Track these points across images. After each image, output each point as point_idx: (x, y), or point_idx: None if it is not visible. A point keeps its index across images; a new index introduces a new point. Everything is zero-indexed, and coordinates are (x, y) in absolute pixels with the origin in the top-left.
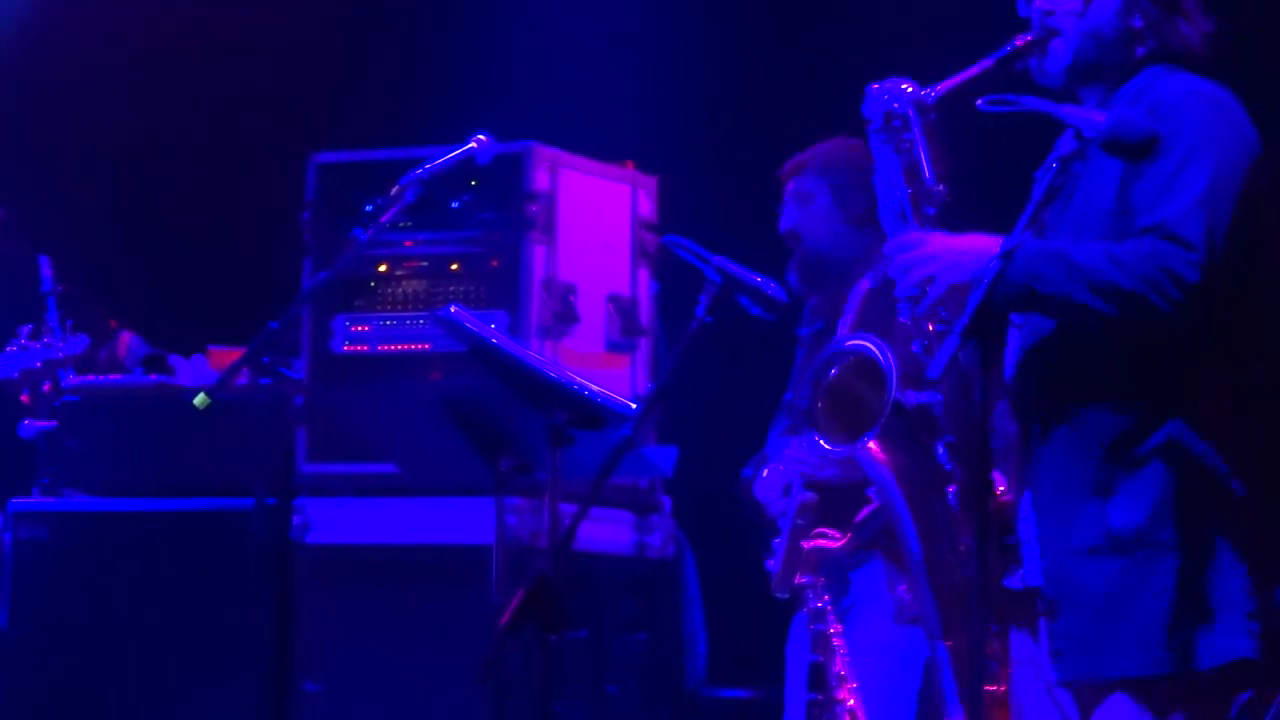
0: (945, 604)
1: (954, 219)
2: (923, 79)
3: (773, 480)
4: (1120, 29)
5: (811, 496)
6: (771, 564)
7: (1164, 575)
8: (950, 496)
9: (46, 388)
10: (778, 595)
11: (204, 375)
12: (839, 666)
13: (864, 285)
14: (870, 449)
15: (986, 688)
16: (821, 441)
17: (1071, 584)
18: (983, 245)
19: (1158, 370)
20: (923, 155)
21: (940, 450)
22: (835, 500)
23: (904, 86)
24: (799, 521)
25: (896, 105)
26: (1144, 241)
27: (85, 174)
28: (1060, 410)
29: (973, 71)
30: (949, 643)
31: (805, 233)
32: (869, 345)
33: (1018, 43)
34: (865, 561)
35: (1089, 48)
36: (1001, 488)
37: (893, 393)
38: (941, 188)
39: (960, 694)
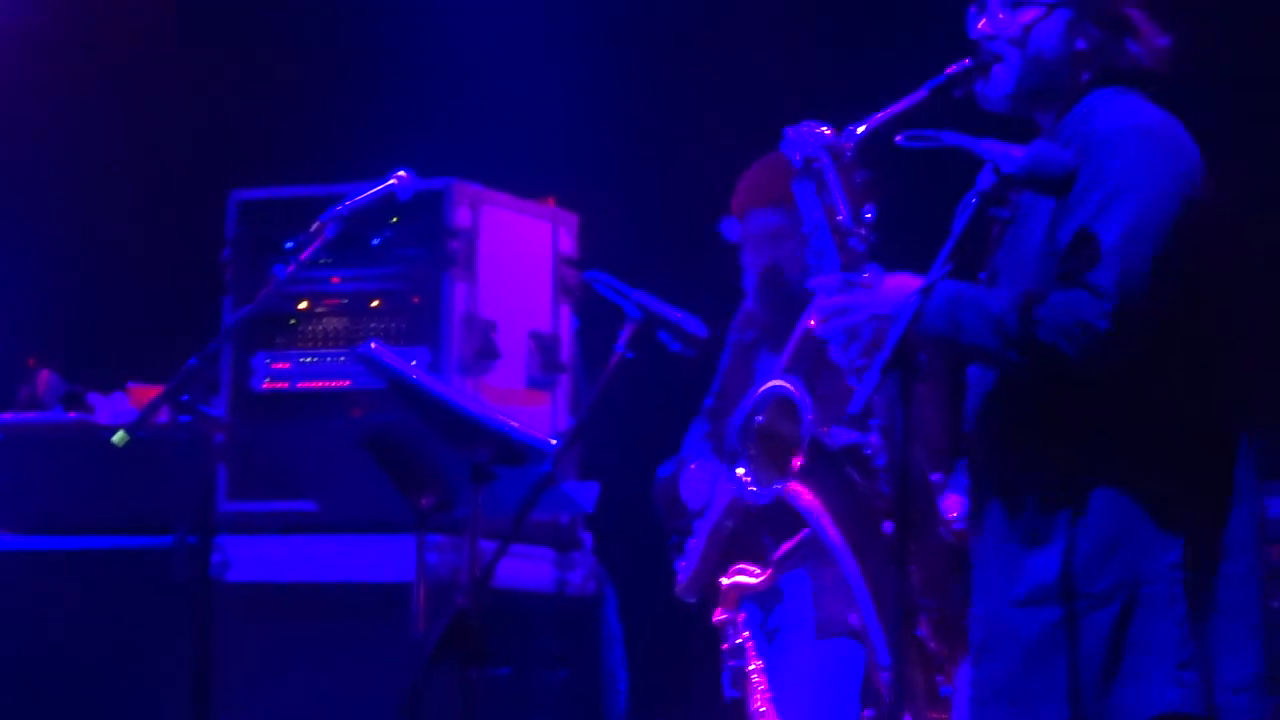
0: (893, 634)
1: (908, 246)
2: (850, 113)
3: (697, 477)
4: (1063, 53)
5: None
6: (682, 564)
7: (1093, 626)
8: (889, 530)
9: None
10: (684, 598)
11: (123, 413)
12: (759, 703)
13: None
14: (796, 490)
15: (931, 715)
16: (749, 483)
17: (1004, 633)
18: (907, 284)
19: (1084, 421)
20: (839, 197)
21: (880, 486)
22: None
23: (819, 129)
24: (726, 522)
25: (811, 148)
26: (1059, 290)
27: (5, 214)
28: (999, 457)
29: (909, 102)
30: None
31: (787, 267)
32: (787, 387)
33: (955, 69)
34: (792, 569)
35: (1031, 73)
36: (954, 515)
37: (807, 431)
38: (863, 228)
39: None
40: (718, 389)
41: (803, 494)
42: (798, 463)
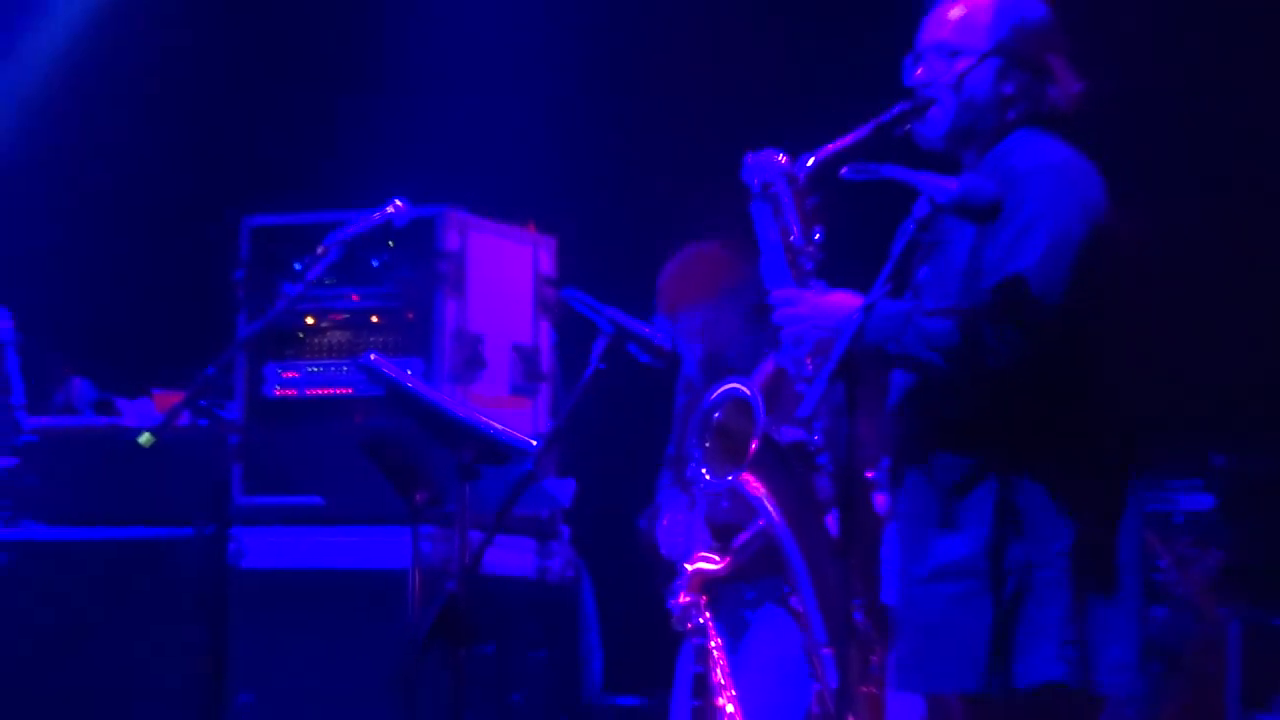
0: (831, 616)
1: (850, 267)
2: (809, 144)
3: (673, 529)
4: (993, 96)
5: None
6: (673, 603)
7: (989, 604)
8: (830, 522)
9: None
10: (678, 629)
11: (148, 417)
12: (718, 676)
13: (769, 366)
14: (747, 479)
15: (861, 689)
16: (704, 473)
17: (914, 606)
18: (848, 300)
19: (995, 420)
20: (792, 220)
21: (822, 481)
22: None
23: (777, 157)
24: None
25: (769, 175)
26: (983, 306)
27: (43, 237)
28: (917, 451)
29: (855, 138)
30: (831, 650)
31: (723, 353)
32: (740, 387)
33: (896, 110)
34: (761, 605)
35: (964, 115)
36: (886, 510)
37: (760, 427)
38: (812, 248)
39: (837, 693)
40: (676, 440)
41: (752, 483)
42: (750, 452)
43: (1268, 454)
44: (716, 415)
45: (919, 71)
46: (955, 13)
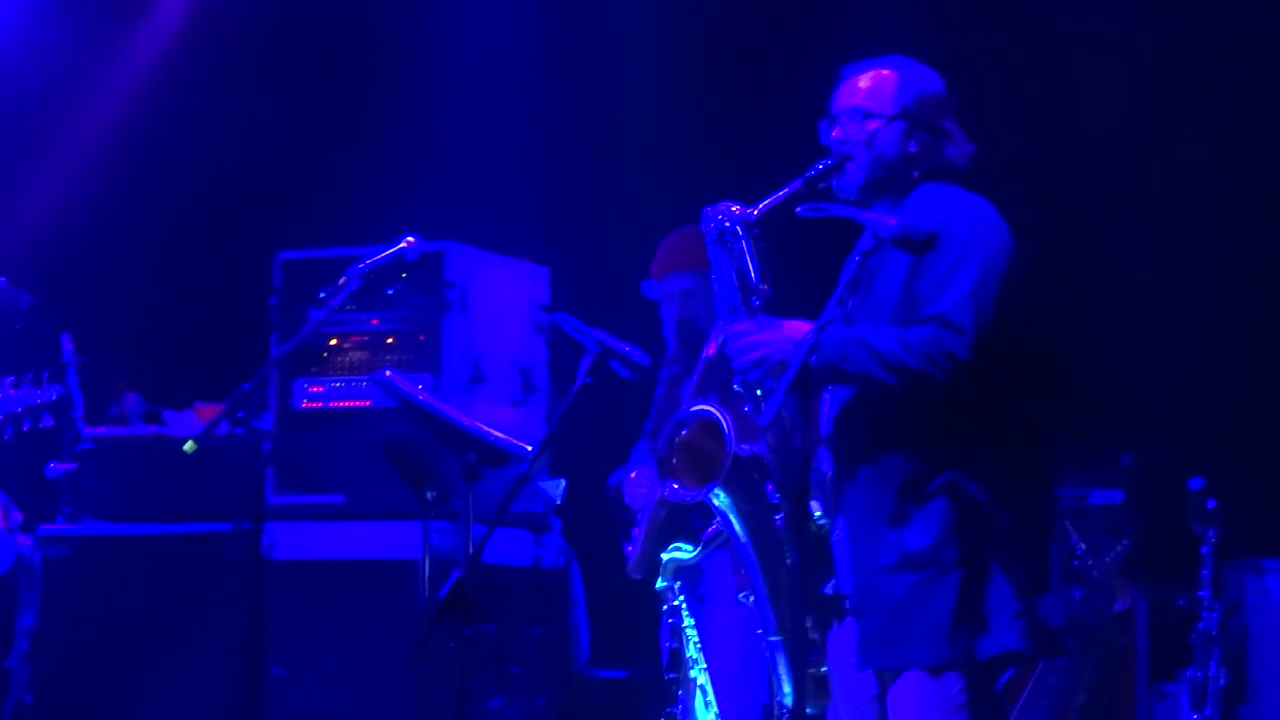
0: (780, 607)
1: (783, 302)
2: (758, 192)
3: (637, 483)
4: (900, 154)
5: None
6: (630, 549)
7: (949, 587)
8: (779, 523)
9: (27, 428)
10: (633, 575)
11: (192, 427)
12: (691, 651)
13: (709, 351)
14: (717, 492)
15: (810, 670)
16: (677, 487)
17: (876, 594)
18: (797, 328)
19: (940, 427)
20: (749, 260)
21: (770, 488)
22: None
23: (732, 208)
24: (658, 513)
25: (727, 223)
26: (927, 328)
27: (102, 273)
28: (866, 456)
29: (788, 191)
30: (782, 637)
31: (699, 318)
32: (712, 411)
33: (821, 166)
34: (714, 552)
35: (876, 170)
36: (818, 513)
37: (731, 449)
38: (764, 285)
39: (790, 675)
40: (654, 416)
41: (720, 495)
42: (722, 470)
43: (1168, 455)
44: (683, 433)
45: (835, 132)
46: (865, 82)
